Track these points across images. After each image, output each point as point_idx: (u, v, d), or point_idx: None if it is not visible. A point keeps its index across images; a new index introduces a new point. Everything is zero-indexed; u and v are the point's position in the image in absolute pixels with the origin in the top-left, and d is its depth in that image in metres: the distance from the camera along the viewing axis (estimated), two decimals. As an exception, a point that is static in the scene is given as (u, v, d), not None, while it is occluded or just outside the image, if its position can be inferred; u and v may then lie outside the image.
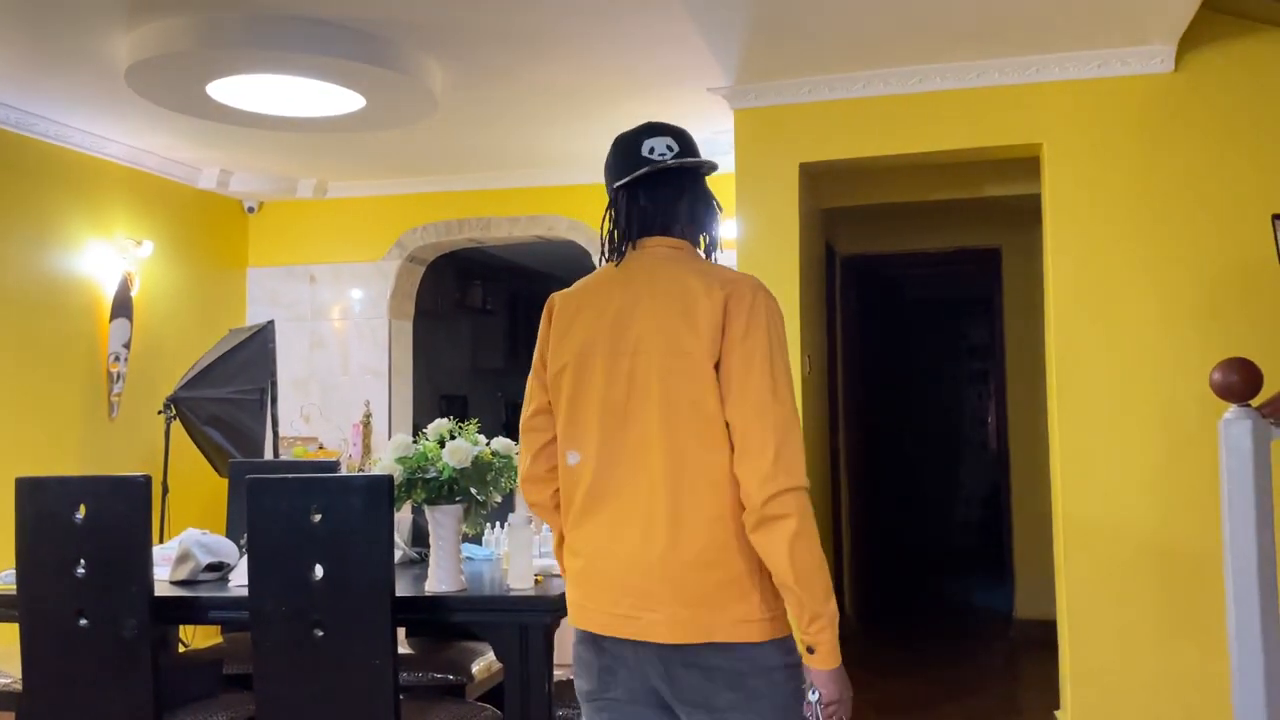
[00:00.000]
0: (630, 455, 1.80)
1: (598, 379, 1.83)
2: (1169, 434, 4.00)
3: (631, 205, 1.90)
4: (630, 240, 1.90)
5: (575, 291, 1.94)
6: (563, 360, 1.88)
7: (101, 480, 2.72)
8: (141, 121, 4.81)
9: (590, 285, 1.93)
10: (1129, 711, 3.98)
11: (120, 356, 5.21)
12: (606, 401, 1.82)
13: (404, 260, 6.16)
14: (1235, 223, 3.99)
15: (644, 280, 1.85)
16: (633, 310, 1.83)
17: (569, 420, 1.87)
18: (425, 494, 2.67)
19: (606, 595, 1.79)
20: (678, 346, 1.78)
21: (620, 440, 1.81)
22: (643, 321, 1.82)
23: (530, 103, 4.64)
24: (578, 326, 1.88)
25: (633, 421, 1.80)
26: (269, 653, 2.49)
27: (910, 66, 4.23)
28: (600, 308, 1.87)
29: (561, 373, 1.88)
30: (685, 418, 1.77)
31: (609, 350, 1.84)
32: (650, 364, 1.80)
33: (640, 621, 1.75)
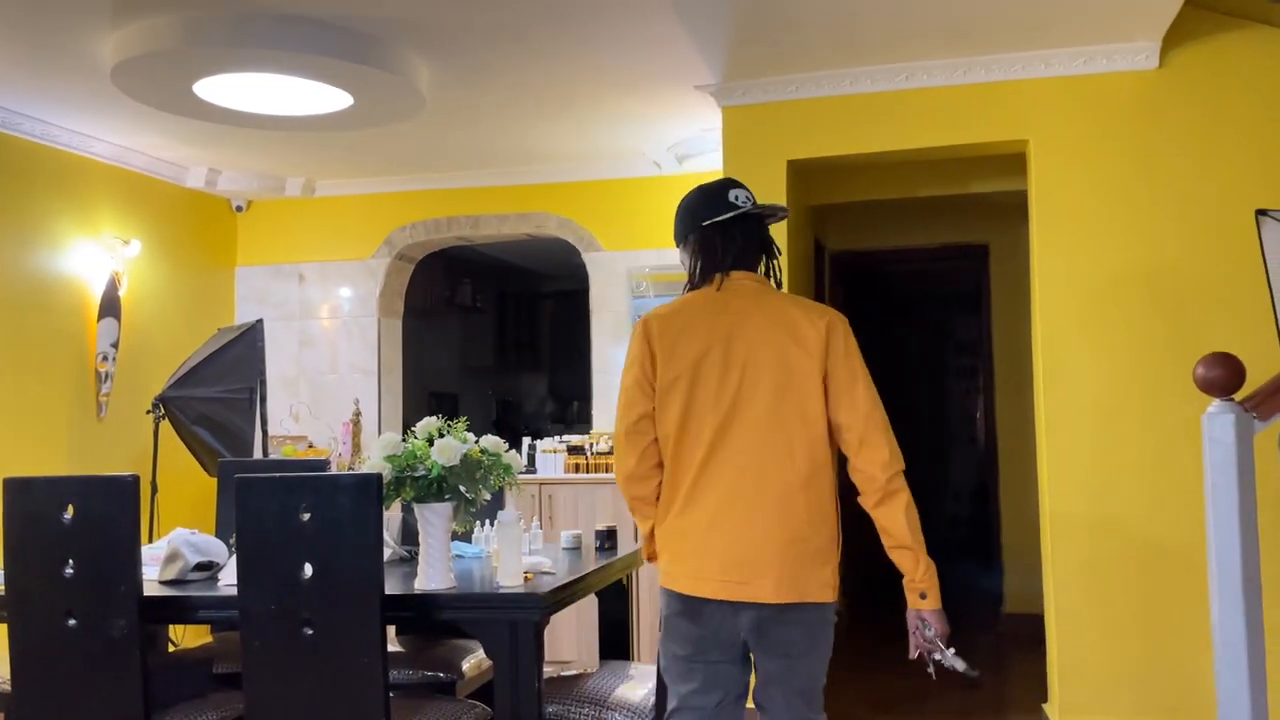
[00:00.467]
0: (740, 450, 2.21)
1: (711, 386, 2.23)
2: (1154, 428, 4.02)
3: (728, 241, 2.33)
4: (723, 271, 2.32)
5: (674, 313, 2.30)
6: (676, 371, 2.25)
7: (90, 480, 2.71)
8: (128, 120, 4.80)
9: (689, 308, 2.30)
10: (1115, 704, 4.01)
11: (108, 356, 5.19)
12: (719, 406, 2.22)
13: (393, 258, 6.15)
14: (1219, 218, 4.01)
15: (747, 307, 2.28)
16: (740, 331, 2.25)
17: (682, 423, 2.24)
18: (414, 492, 2.67)
19: (717, 566, 2.18)
20: (787, 363, 2.24)
21: (731, 438, 2.21)
22: (751, 340, 2.24)
23: (518, 100, 4.65)
24: (686, 343, 2.26)
25: (742, 423, 2.21)
26: (258, 652, 2.49)
27: (897, 63, 4.24)
28: (708, 327, 2.26)
29: (675, 382, 2.25)
30: (791, 420, 2.22)
31: (721, 363, 2.24)
32: (760, 375, 2.23)
33: (750, 586, 2.17)
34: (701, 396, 2.25)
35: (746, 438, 2.22)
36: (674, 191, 5.74)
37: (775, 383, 2.24)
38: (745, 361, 2.25)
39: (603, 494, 5.31)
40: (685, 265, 2.43)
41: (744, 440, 2.22)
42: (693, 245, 2.39)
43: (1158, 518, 4.00)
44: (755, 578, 2.18)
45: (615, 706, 2.73)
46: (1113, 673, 4.03)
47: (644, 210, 5.81)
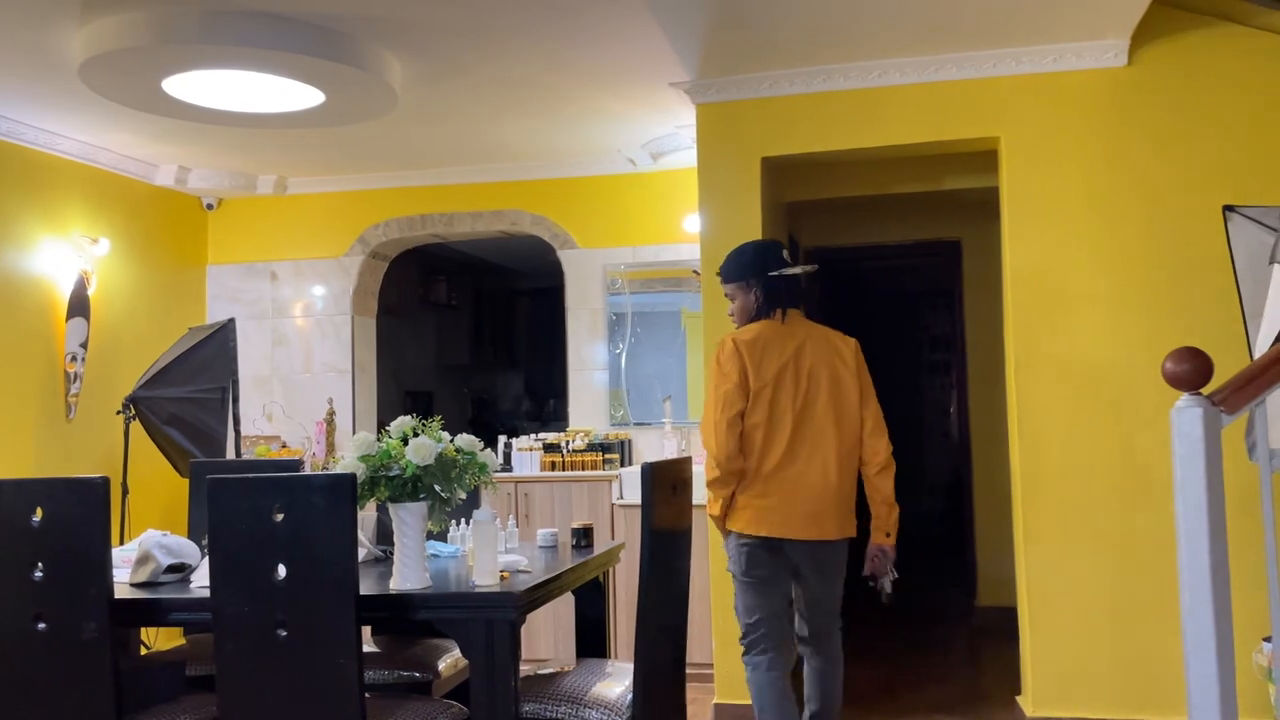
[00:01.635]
0: (810, 436, 3.20)
1: (788, 391, 3.19)
2: (1124, 422, 4.07)
3: (792, 287, 3.34)
4: (783, 308, 3.29)
5: (755, 338, 3.22)
6: (764, 380, 3.18)
7: (58, 482, 2.68)
8: (97, 118, 4.74)
9: (767, 334, 3.24)
10: (1088, 694, 4.05)
11: (77, 356, 5.13)
12: (794, 406, 3.19)
13: (366, 256, 6.11)
14: (1188, 214, 4.06)
15: (803, 334, 3.27)
16: (803, 351, 3.23)
17: (770, 417, 3.18)
18: (389, 492, 2.66)
19: (796, 516, 3.16)
20: (836, 374, 3.26)
21: (804, 428, 3.20)
22: (812, 359, 3.24)
23: (491, 98, 4.63)
24: (769, 360, 3.20)
25: (809, 417, 3.20)
26: (232, 654, 2.47)
27: (870, 61, 4.26)
28: (782, 348, 3.22)
29: (763, 389, 3.18)
30: (840, 415, 3.24)
31: (793, 375, 3.21)
32: (819, 384, 3.23)
33: (817, 528, 3.19)
34: (783, 400, 3.18)
35: (813, 429, 3.20)
36: (649, 188, 5.81)
37: (829, 389, 3.23)
38: (810, 374, 3.22)
39: (579, 492, 5.31)
40: (740, 297, 3.36)
41: (812, 431, 3.20)
42: (757, 288, 3.32)
43: (1128, 511, 4.05)
44: (821, 521, 3.19)
45: (592, 704, 2.73)
46: (1085, 664, 4.07)
47: (619, 207, 5.80)
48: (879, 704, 4.69)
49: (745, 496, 3.17)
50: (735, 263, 3.39)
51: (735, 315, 3.41)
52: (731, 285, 3.39)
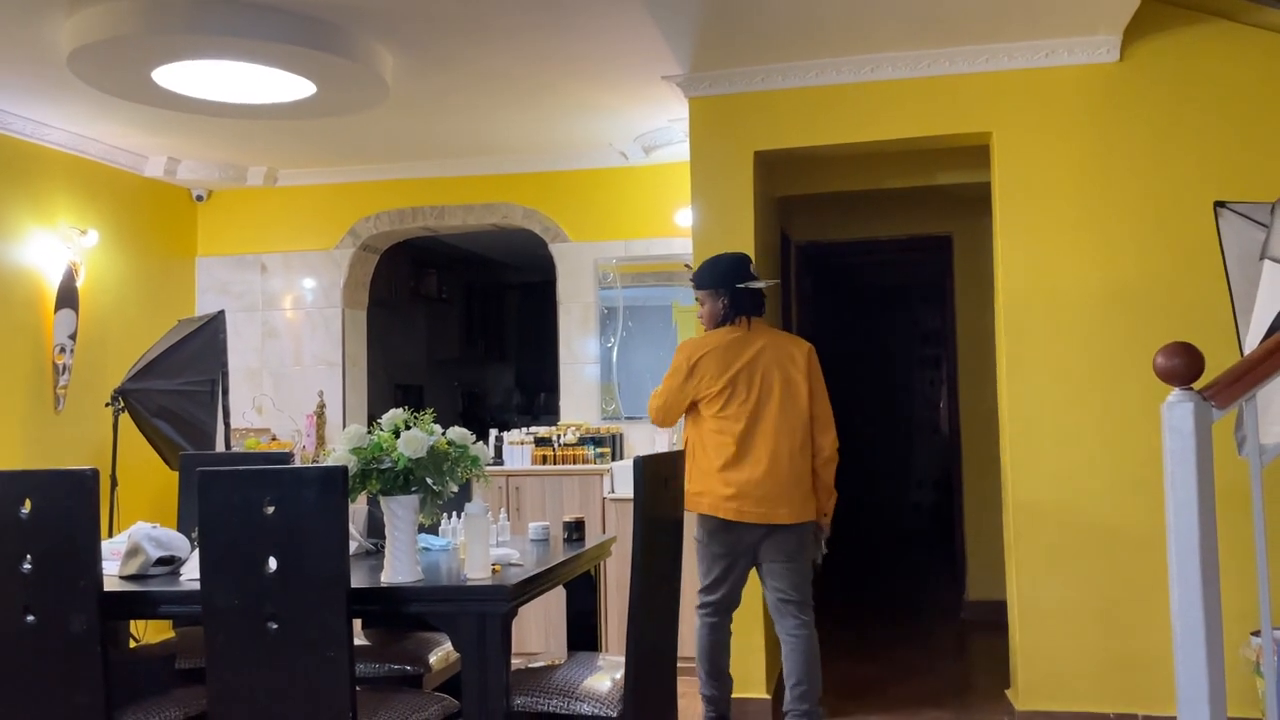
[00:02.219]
0: (764, 430, 3.61)
1: (745, 391, 3.62)
2: (1115, 417, 4.08)
3: (755, 298, 3.75)
4: (747, 315, 3.71)
5: (716, 344, 3.66)
6: (724, 381, 3.61)
7: (47, 474, 2.66)
8: (85, 108, 4.71)
9: (725, 341, 3.67)
10: (1077, 689, 4.07)
11: (66, 348, 5.10)
12: (748, 403, 3.61)
13: (357, 249, 6.09)
14: (1179, 210, 4.07)
15: (762, 340, 3.69)
16: (760, 356, 3.66)
17: (728, 414, 3.61)
18: (380, 485, 2.65)
19: (751, 502, 3.57)
20: (789, 376, 3.67)
21: (759, 423, 3.61)
22: (767, 362, 3.66)
23: (483, 90, 4.61)
24: (726, 364, 3.63)
25: (765, 413, 3.62)
26: (222, 647, 2.46)
27: (863, 55, 4.26)
28: (740, 353, 3.65)
29: (725, 388, 3.61)
30: (794, 412, 3.66)
31: (748, 376, 3.63)
32: (772, 385, 3.64)
33: (770, 513, 3.60)
34: (740, 398, 3.61)
35: (768, 424, 3.62)
36: (641, 182, 5.81)
37: (782, 389, 3.65)
38: (764, 376, 3.65)
39: (570, 486, 5.31)
40: (709, 303, 3.75)
41: (766, 425, 3.61)
42: (725, 297, 3.71)
43: (1118, 505, 4.06)
44: (775, 508, 3.60)
45: (583, 697, 2.73)
46: (1074, 658, 4.08)
47: (611, 201, 5.79)
48: (868, 698, 4.70)
49: (707, 484, 3.61)
50: (709, 273, 3.79)
51: (704, 318, 3.83)
52: (702, 292, 3.79)
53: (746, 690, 4.28)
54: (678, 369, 3.68)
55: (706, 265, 3.82)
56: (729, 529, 3.61)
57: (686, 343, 3.74)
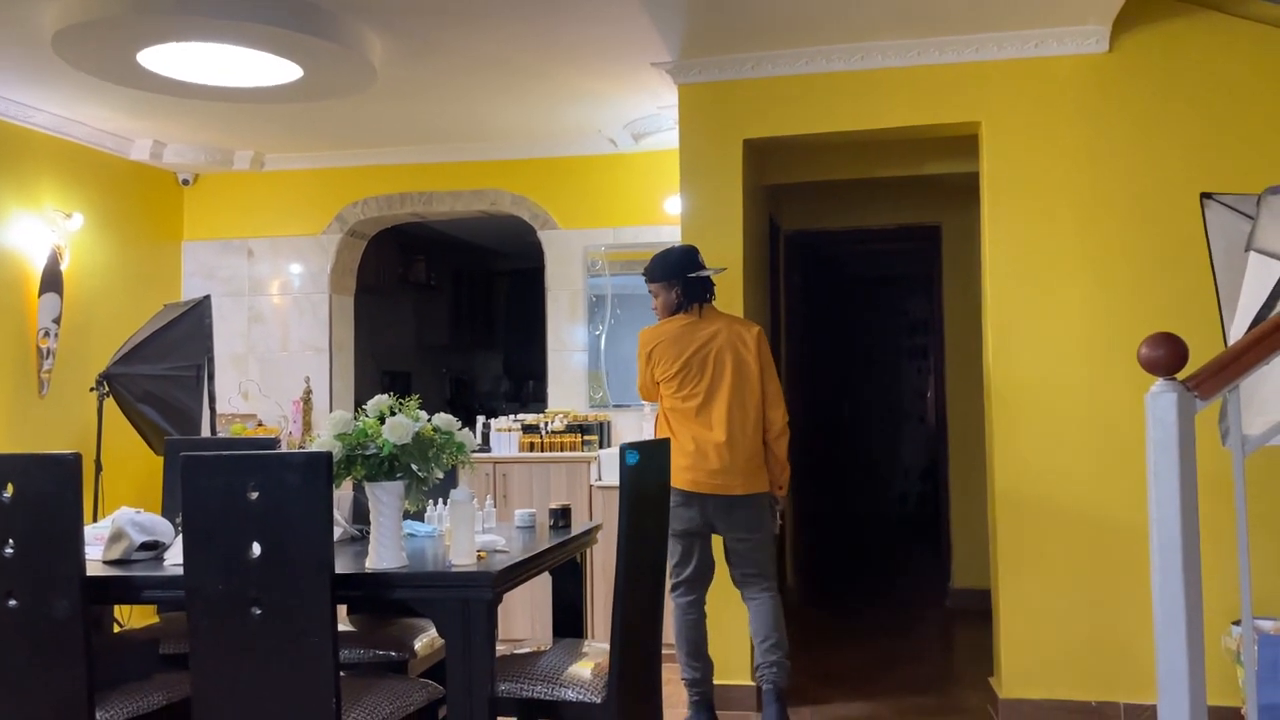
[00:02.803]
0: (718, 408, 3.81)
1: (698, 372, 3.82)
2: (1100, 407, 4.10)
3: (705, 287, 3.94)
4: (699, 303, 3.91)
5: (669, 332, 3.88)
6: (679, 365, 3.82)
7: (30, 458, 2.65)
8: (70, 90, 4.67)
9: (677, 329, 3.88)
10: (1059, 676, 4.10)
11: (50, 332, 5.07)
12: (704, 383, 3.82)
13: (345, 234, 6.07)
14: (1165, 201, 4.08)
15: (714, 325, 3.89)
16: (713, 339, 3.86)
17: (685, 393, 3.83)
18: (365, 471, 2.64)
19: (705, 474, 3.78)
20: (740, 356, 3.85)
21: (713, 401, 3.81)
22: (720, 345, 3.85)
23: (472, 75, 4.59)
24: (680, 349, 3.84)
25: (719, 392, 3.82)
26: (206, 632, 2.45)
27: (852, 44, 4.25)
28: (693, 337, 3.86)
29: (679, 371, 3.83)
30: (747, 390, 3.85)
31: (702, 359, 3.84)
32: (724, 365, 3.84)
33: (727, 485, 3.79)
34: (695, 379, 3.82)
35: (721, 402, 3.82)
36: (630, 169, 5.79)
37: (734, 369, 3.84)
38: (717, 357, 3.84)
39: (558, 473, 5.31)
40: (662, 295, 3.94)
41: (720, 404, 3.82)
42: (678, 287, 3.90)
43: (1103, 495, 4.08)
44: (728, 481, 3.80)
45: (568, 683, 2.73)
46: (1057, 647, 4.11)
47: (600, 188, 5.78)
48: (852, 685, 4.72)
49: (677, 456, 3.77)
50: (660, 266, 3.96)
51: (658, 309, 4.01)
52: (655, 285, 3.97)
53: (731, 677, 4.29)
54: (639, 356, 3.95)
55: (657, 259, 3.98)
56: (688, 503, 3.79)
57: (643, 332, 3.96)
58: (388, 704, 2.59)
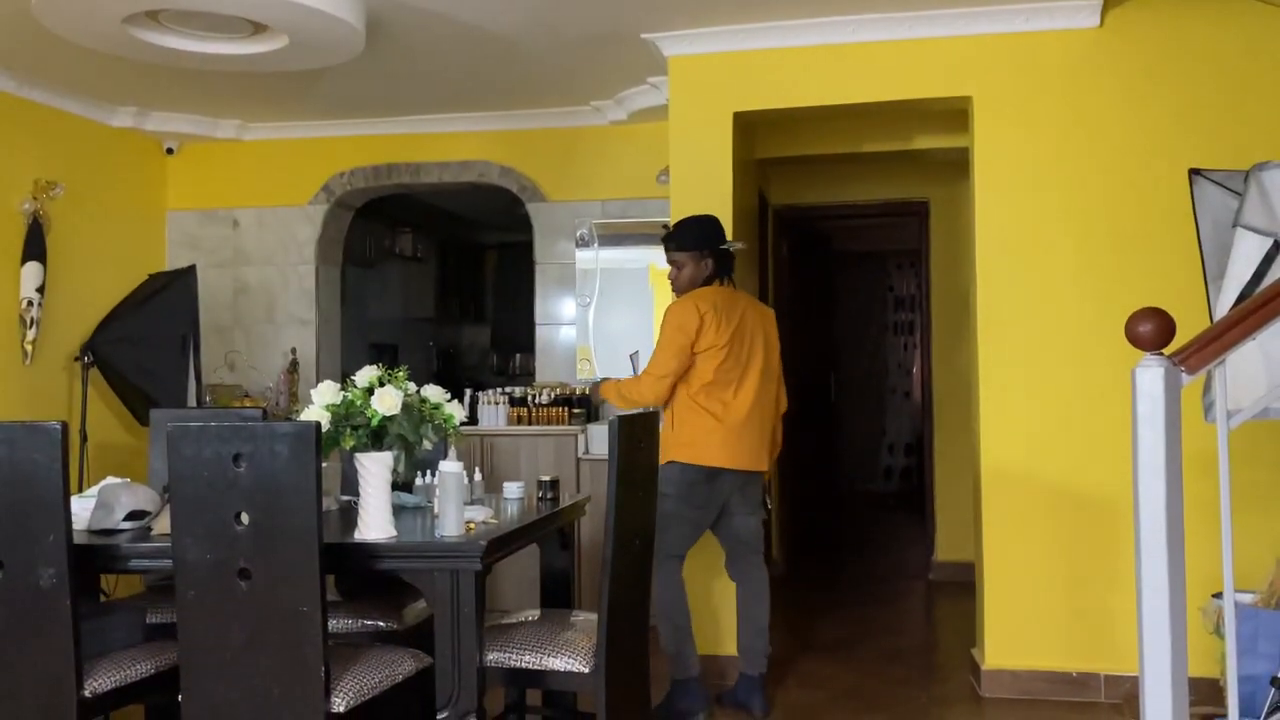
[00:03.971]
0: (750, 384, 3.78)
1: (739, 348, 3.76)
2: (1087, 382, 4.13)
3: (732, 261, 3.90)
4: (729, 276, 3.87)
5: (716, 300, 3.76)
6: (723, 338, 3.71)
7: (15, 427, 2.63)
8: (51, 55, 4.60)
9: (721, 300, 3.77)
10: (1041, 648, 4.15)
11: (34, 301, 5.02)
12: (742, 360, 3.77)
13: (331, 205, 6.02)
14: (1154, 176, 4.09)
15: (744, 302, 3.89)
16: (746, 316, 3.82)
17: (731, 362, 3.74)
18: (353, 441, 2.64)
19: (739, 449, 3.76)
20: (768, 336, 3.89)
21: (748, 378, 3.78)
22: (753, 322, 3.84)
23: (460, 45, 4.55)
24: (726, 322, 3.73)
25: (752, 370, 3.80)
26: (193, 601, 2.45)
27: (843, 16, 4.23)
28: (732, 312, 3.77)
29: (728, 342, 3.72)
30: (770, 369, 3.88)
31: (740, 335, 3.77)
32: (757, 343, 3.83)
33: (753, 460, 3.80)
34: (736, 354, 3.75)
35: (752, 380, 3.79)
36: (620, 141, 5.76)
37: (764, 348, 3.85)
38: (751, 334, 3.81)
39: (545, 445, 5.31)
40: (690, 266, 3.83)
41: (752, 380, 3.79)
42: (709, 258, 3.82)
43: (1088, 469, 4.12)
44: (757, 456, 3.82)
45: (557, 653, 2.75)
46: (1040, 618, 4.15)
47: (589, 160, 5.74)
48: (836, 655, 4.77)
49: (702, 433, 3.71)
50: (694, 233, 3.82)
51: (679, 282, 3.84)
52: (684, 254, 3.82)
53: (720, 648, 4.32)
54: (684, 325, 3.68)
55: (690, 226, 3.86)
56: (711, 480, 3.73)
57: (692, 296, 3.77)
58: (376, 673, 2.60)
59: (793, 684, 4.33)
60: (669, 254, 3.87)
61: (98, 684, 2.61)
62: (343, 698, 2.46)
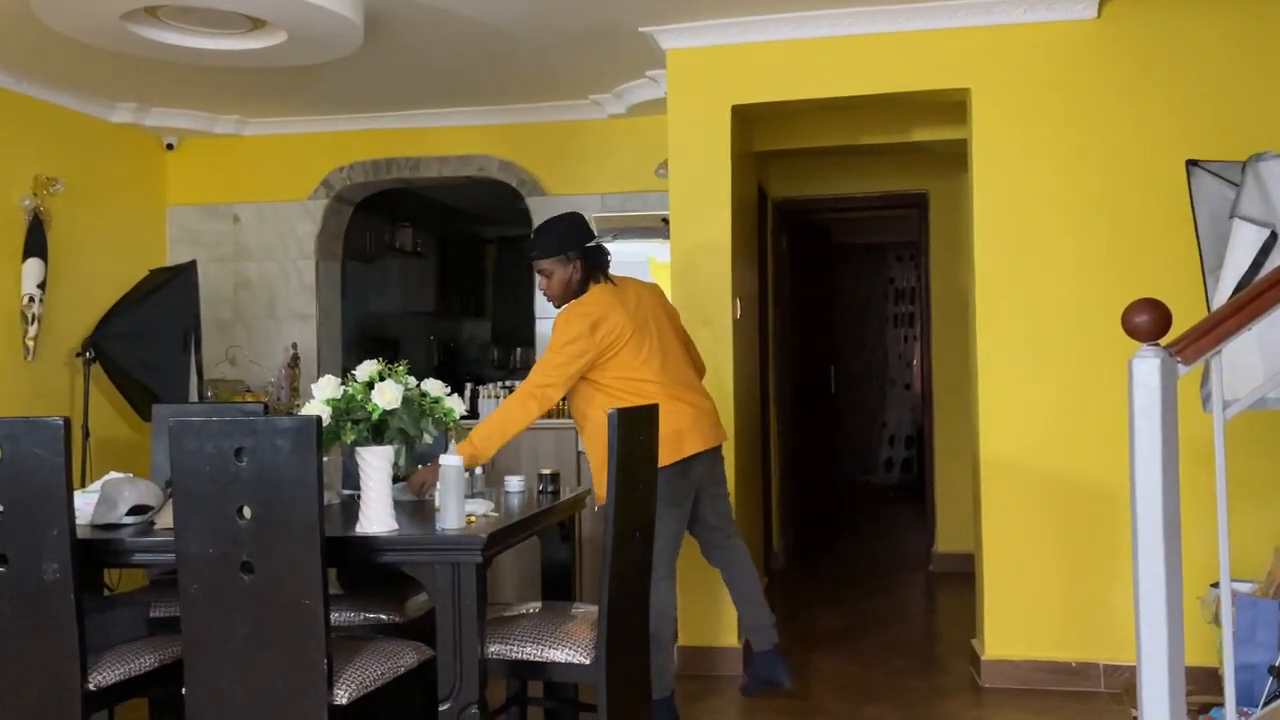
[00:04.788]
0: (674, 364, 3.54)
1: (648, 336, 3.49)
2: (1086, 373, 4.14)
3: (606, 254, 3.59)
4: (604, 272, 3.55)
5: (606, 299, 3.46)
6: (634, 323, 3.45)
7: (17, 422, 2.64)
8: (51, 51, 4.61)
9: (609, 295, 3.48)
10: (1040, 638, 4.16)
11: (35, 298, 5.03)
12: (658, 346, 3.51)
13: (331, 200, 6.03)
14: (1152, 167, 4.10)
15: (632, 288, 3.59)
16: (641, 302, 3.55)
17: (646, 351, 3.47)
18: (354, 435, 2.65)
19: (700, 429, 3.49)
20: (668, 311, 3.67)
21: (669, 360, 3.53)
22: (648, 305, 3.56)
23: (459, 41, 4.55)
24: (628, 311, 3.46)
25: (670, 351, 3.55)
26: (196, 595, 2.47)
27: (841, 9, 4.23)
28: (624, 305, 3.47)
29: (636, 330, 3.45)
30: (683, 343, 3.68)
31: (642, 323, 3.49)
32: (662, 323, 3.58)
33: (716, 435, 3.57)
34: (648, 344, 3.48)
35: (675, 359, 3.57)
36: (619, 135, 5.77)
37: (670, 325, 3.63)
38: (654, 317, 3.56)
39: (546, 439, 5.32)
40: (558, 271, 3.50)
41: (675, 360, 3.56)
42: (577, 259, 3.50)
43: (1087, 460, 4.13)
44: (717, 431, 3.59)
45: (558, 645, 2.77)
46: (1039, 609, 4.17)
47: (588, 154, 5.75)
48: (837, 646, 4.79)
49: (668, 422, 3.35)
50: (554, 237, 3.51)
51: (551, 290, 3.52)
52: (550, 260, 3.49)
53: (717, 639, 4.34)
54: (578, 334, 3.35)
55: (548, 230, 3.55)
56: (685, 471, 3.45)
57: (572, 308, 3.43)
58: (378, 665, 2.61)
59: (794, 675, 4.34)
60: (534, 263, 3.56)
61: (102, 677, 2.63)
62: (345, 690, 2.47)
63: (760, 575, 3.84)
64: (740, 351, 4.66)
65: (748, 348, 5.13)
